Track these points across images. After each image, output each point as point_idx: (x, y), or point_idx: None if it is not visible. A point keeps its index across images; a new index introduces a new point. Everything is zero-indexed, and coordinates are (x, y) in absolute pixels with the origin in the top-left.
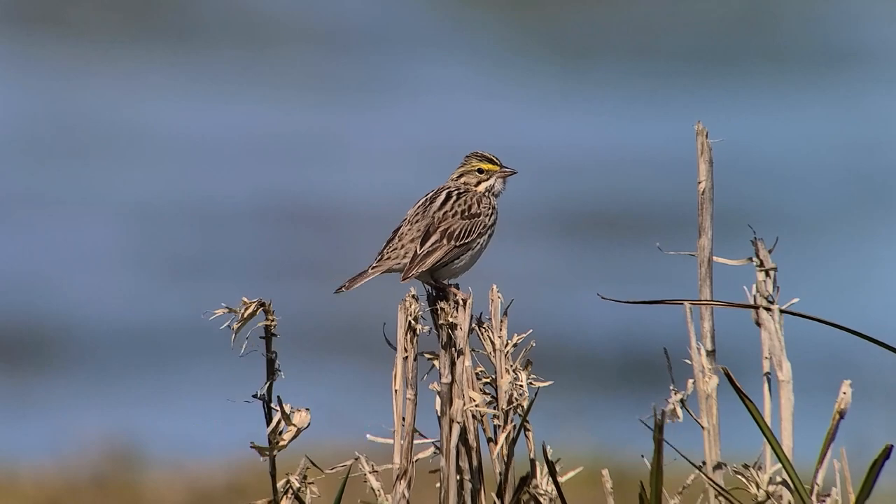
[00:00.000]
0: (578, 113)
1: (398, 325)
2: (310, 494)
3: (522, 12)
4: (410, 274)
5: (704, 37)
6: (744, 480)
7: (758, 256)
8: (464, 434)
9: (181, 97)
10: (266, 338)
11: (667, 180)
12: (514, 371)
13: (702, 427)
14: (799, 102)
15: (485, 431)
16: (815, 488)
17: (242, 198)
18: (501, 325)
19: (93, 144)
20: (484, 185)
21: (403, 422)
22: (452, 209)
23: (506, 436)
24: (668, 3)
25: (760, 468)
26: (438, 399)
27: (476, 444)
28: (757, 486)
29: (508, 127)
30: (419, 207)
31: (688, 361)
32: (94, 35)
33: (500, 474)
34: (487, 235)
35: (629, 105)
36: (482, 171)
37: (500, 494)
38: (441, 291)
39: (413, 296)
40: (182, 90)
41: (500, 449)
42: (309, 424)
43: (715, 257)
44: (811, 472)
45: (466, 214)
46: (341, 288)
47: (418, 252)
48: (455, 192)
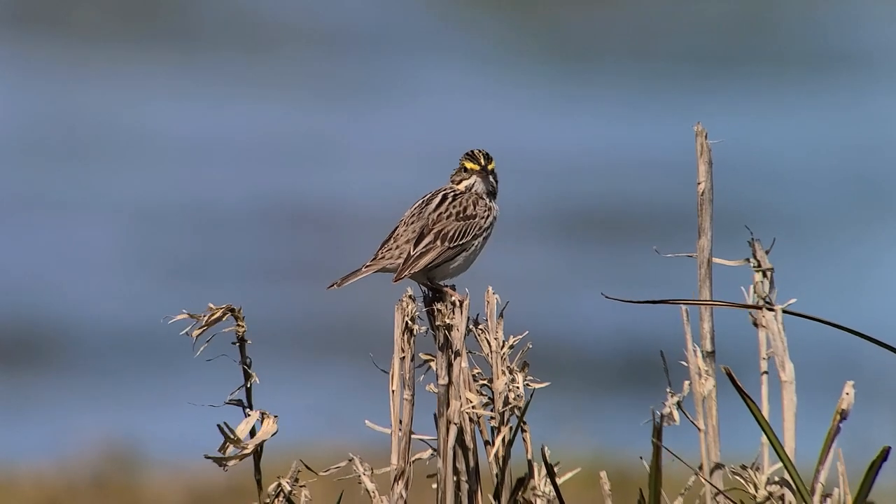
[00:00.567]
0: (577, 114)
1: (395, 326)
2: (303, 498)
3: (522, 14)
4: (403, 275)
5: (704, 38)
6: (742, 481)
7: (755, 257)
8: (461, 435)
9: (181, 99)
10: (239, 343)
11: (666, 181)
12: (511, 372)
13: (698, 429)
14: (798, 104)
15: (482, 433)
16: (818, 489)
17: (242, 199)
18: (497, 327)
19: (93, 146)
20: (464, 184)
21: (401, 423)
22: (448, 211)
23: (502, 437)
24: (668, 5)
25: (759, 469)
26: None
27: (473, 446)
28: (755, 487)
29: (508, 128)
30: (416, 209)
31: (684, 364)
32: (95, 37)
33: (497, 476)
34: (483, 237)
35: (629, 106)
36: (466, 170)
37: (497, 496)
38: (437, 293)
39: (410, 296)
40: (182, 92)
41: (497, 450)
42: (276, 432)
43: (713, 258)
44: (811, 473)
45: (462, 216)
46: (333, 284)
47: (412, 253)
48: (451, 194)
